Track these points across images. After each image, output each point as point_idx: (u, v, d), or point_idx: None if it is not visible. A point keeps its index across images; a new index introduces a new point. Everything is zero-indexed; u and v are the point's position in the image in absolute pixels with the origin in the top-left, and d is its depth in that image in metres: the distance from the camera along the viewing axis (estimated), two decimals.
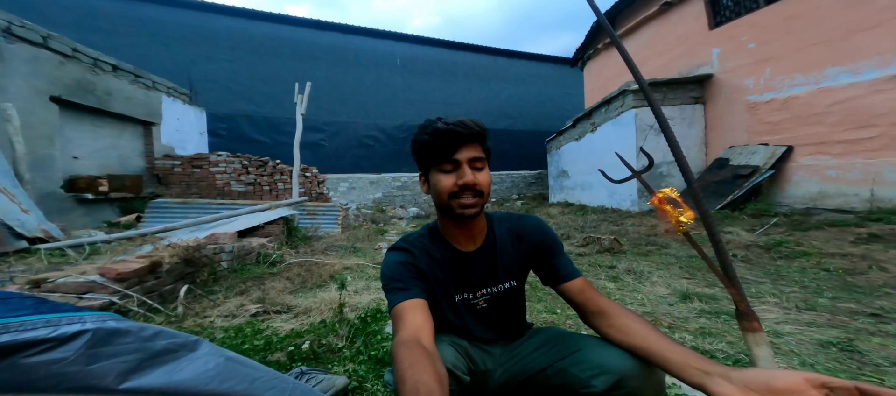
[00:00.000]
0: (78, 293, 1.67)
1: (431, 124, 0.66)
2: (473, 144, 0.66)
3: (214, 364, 0.40)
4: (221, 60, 8.38)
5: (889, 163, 3.49)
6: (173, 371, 0.36)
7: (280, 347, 1.34)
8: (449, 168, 0.65)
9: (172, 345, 0.38)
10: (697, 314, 1.54)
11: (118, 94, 4.56)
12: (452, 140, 0.64)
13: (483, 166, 0.67)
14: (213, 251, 2.54)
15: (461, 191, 0.65)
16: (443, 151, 0.65)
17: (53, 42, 3.83)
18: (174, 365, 0.37)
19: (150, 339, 0.36)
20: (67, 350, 0.31)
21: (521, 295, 0.78)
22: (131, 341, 0.35)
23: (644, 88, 0.68)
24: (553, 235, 0.76)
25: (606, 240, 2.93)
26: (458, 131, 0.64)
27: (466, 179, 0.64)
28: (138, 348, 0.35)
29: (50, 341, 0.31)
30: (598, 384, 0.59)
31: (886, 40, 3.49)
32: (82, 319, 0.34)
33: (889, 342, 1.22)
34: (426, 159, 0.68)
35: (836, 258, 2.28)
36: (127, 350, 0.34)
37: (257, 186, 5.54)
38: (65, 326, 0.32)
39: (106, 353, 0.33)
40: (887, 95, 3.49)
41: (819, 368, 1.05)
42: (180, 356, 0.38)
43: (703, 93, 5.34)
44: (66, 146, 3.99)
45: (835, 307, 1.54)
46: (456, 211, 0.66)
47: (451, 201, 0.66)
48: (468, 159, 0.65)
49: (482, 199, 0.67)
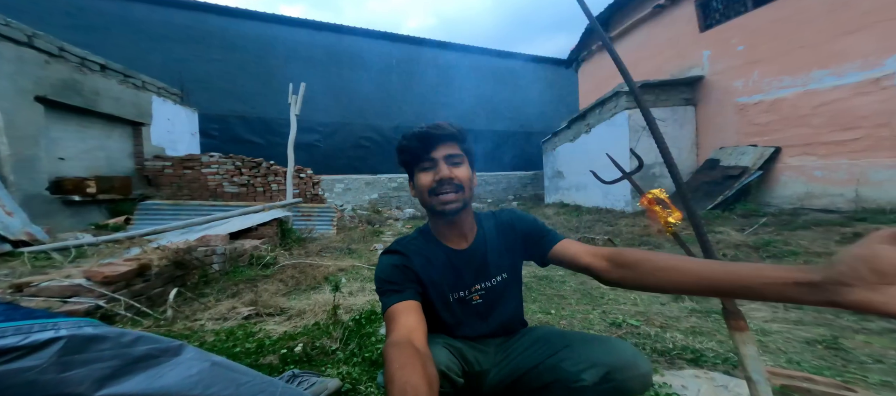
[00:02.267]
0: (62, 297, 1.63)
1: (410, 130, 0.72)
2: (449, 143, 0.70)
3: (198, 369, 0.39)
4: (214, 61, 8.29)
5: (873, 164, 3.59)
6: (154, 377, 0.36)
7: (272, 350, 1.33)
8: (427, 166, 0.70)
9: (154, 350, 0.37)
10: (688, 314, 1.56)
11: (106, 94, 4.48)
12: (428, 141, 0.69)
13: (461, 162, 0.71)
14: (204, 253, 2.50)
15: (439, 186, 0.68)
16: (420, 151, 0.70)
17: (39, 41, 3.75)
18: (155, 371, 0.36)
19: (129, 345, 0.35)
20: (39, 357, 0.30)
21: (514, 288, 0.80)
22: (109, 347, 0.34)
23: (633, 90, 0.69)
24: (530, 217, 0.80)
25: (600, 240, 2.96)
26: (431, 133, 0.69)
27: (442, 173, 0.68)
28: (116, 354, 0.34)
29: (20, 349, 0.30)
30: (587, 377, 0.60)
31: (869, 44, 3.58)
32: (56, 326, 0.33)
33: (872, 339, 1.25)
34: (409, 163, 0.73)
35: (823, 256, 2.34)
36: (104, 357, 0.33)
37: (251, 187, 5.47)
38: (36, 333, 0.31)
39: (81, 360, 0.32)
40: (870, 97, 3.58)
41: (805, 365, 1.07)
42: (162, 361, 0.37)
43: (694, 95, 5.43)
44: (51, 147, 3.90)
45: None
46: (437, 208, 0.70)
47: (432, 198, 0.70)
48: (444, 156, 0.69)
49: (462, 194, 0.70)
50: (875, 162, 3.58)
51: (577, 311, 1.65)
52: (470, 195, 0.72)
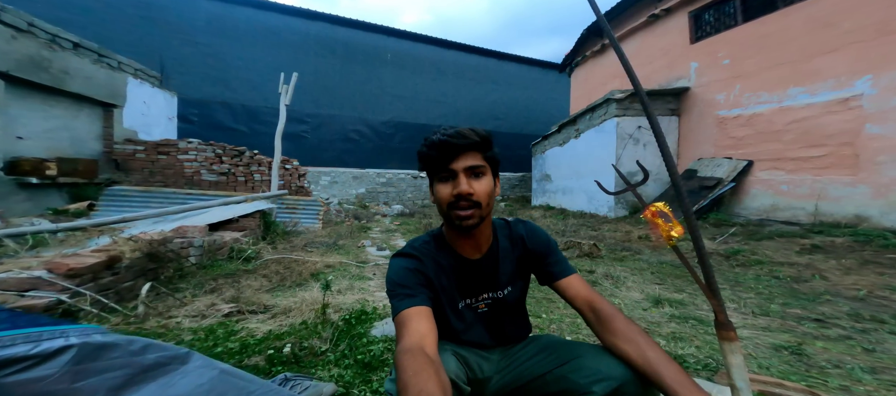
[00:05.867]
0: (19, 291, 1.50)
1: (431, 135, 0.68)
2: (472, 153, 0.67)
3: (209, 378, 0.37)
4: (199, 44, 7.86)
5: (833, 181, 3.87)
6: (166, 385, 0.34)
7: (257, 350, 1.28)
8: (446, 177, 0.67)
9: (163, 358, 0.35)
10: (668, 319, 1.63)
11: (77, 73, 4.18)
12: (447, 151, 0.65)
13: (483, 173, 0.68)
14: (180, 245, 2.38)
15: (457, 201, 0.65)
16: (439, 161, 0.66)
17: (6, 15, 3.51)
18: (166, 380, 0.34)
19: (139, 353, 0.33)
20: (51, 366, 0.28)
21: (520, 300, 0.80)
22: (119, 355, 0.32)
23: (640, 94, 0.70)
24: (545, 236, 0.79)
25: (586, 245, 3.05)
26: (451, 142, 0.65)
27: (460, 188, 0.65)
28: (127, 363, 0.32)
29: (32, 358, 0.27)
30: (598, 390, 0.60)
31: (843, 64, 3.78)
32: (65, 333, 0.30)
33: (830, 345, 1.36)
34: (429, 170, 0.70)
35: (785, 266, 2.51)
36: (115, 366, 0.31)
37: (232, 176, 5.24)
38: (47, 341, 0.29)
39: (93, 369, 0.30)
40: (837, 116, 3.82)
41: (774, 371, 1.16)
42: (172, 369, 0.35)
43: (679, 105, 5.66)
44: (9, 125, 3.59)
45: (785, 313, 1.70)
46: (454, 222, 0.67)
47: (450, 211, 0.67)
48: (464, 168, 0.66)
49: (480, 210, 0.67)
50: (835, 179, 3.86)
51: (566, 315, 1.70)
52: (489, 209, 0.69)
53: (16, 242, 2.44)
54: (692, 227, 0.66)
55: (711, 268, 0.65)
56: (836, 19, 3.86)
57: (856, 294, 1.92)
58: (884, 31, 3.53)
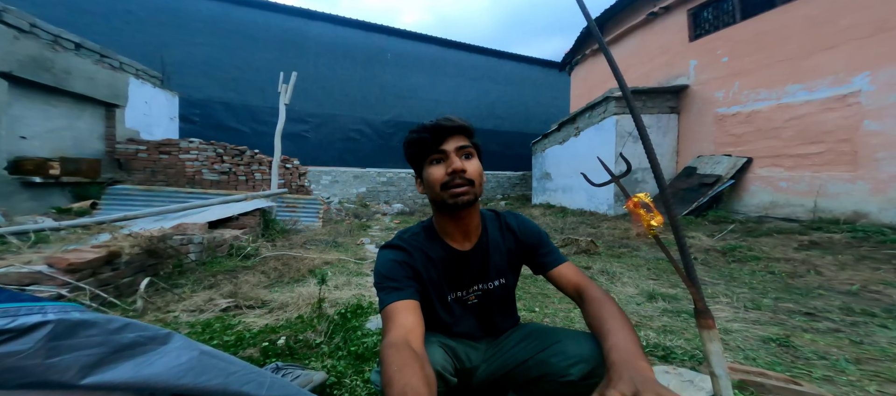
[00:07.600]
0: (20, 285, 1.53)
1: (420, 124, 0.70)
2: (460, 136, 0.70)
3: (187, 358, 0.39)
4: (200, 44, 7.90)
5: (832, 177, 3.86)
6: (142, 365, 0.35)
7: (253, 343, 1.31)
8: (438, 159, 0.69)
9: (141, 338, 0.36)
10: (661, 313, 1.65)
11: (79, 73, 4.22)
12: (439, 133, 0.68)
13: (472, 154, 0.70)
14: (180, 241, 2.41)
15: (451, 178, 0.67)
16: (431, 143, 0.68)
17: (8, 16, 3.54)
18: (143, 359, 0.36)
19: (116, 331, 0.35)
20: (25, 342, 0.29)
21: (510, 292, 0.81)
22: (96, 333, 0.33)
23: (627, 96, 0.71)
24: (536, 227, 0.80)
25: (584, 242, 3.06)
26: (443, 125, 0.68)
27: (455, 165, 0.66)
28: (104, 341, 0.34)
29: (6, 332, 0.29)
30: (575, 372, 0.62)
31: (841, 61, 3.77)
32: (43, 309, 0.32)
33: (818, 338, 1.37)
34: (418, 156, 0.71)
35: (781, 262, 2.51)
36: (91, 343, 0.33)
37: (232, 175, 5.28)
38: (24, 316, 0.30)
39: (68, 346, 0.31)
40: (836, 113, 3.81)
41: (759, 362, 1.17)
42: (150, 349, 0.37)
43: (679, 103, 5.64)
44: (13, 125, 3.64)
45: (777, 307, 1.70)
46: (449, 201, 0.68)
47: (443, 191, 0.68)
48: (455, 148, 0.68)
49: (473, 188, 0.69)
50: (834, 175, 3.84)
51: (560, 309, 1.71)
52: (480, 190, 0.70)
53: (18, 239, 2.48)
54: (671, 216, 0.67)
55: (690, 257, 0.66)
56: (834, 16, 3.84)
57: (849, 289, 1.92)
58: (881, 27, 3.50)
